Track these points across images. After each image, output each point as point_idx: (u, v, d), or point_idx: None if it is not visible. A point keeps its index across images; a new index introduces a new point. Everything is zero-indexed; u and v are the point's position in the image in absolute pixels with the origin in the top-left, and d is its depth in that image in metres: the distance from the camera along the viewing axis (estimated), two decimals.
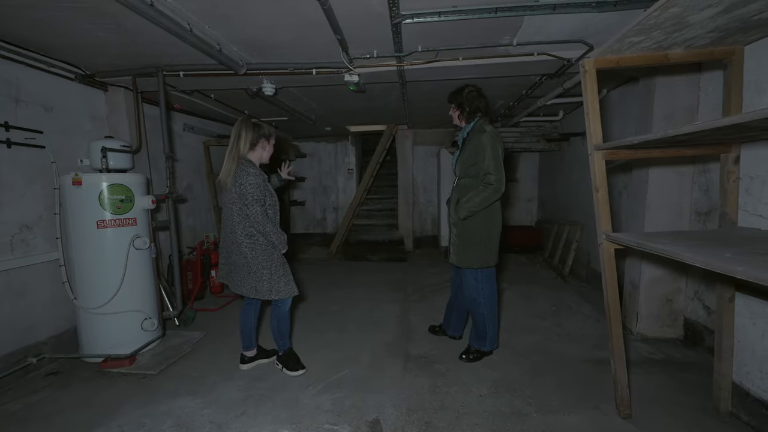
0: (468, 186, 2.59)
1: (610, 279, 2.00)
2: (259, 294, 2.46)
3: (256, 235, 2.41)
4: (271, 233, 2.39)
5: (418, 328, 3.39)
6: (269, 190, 2.47)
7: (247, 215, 2.36)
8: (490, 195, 2.46)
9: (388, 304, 4.06)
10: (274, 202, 2.50)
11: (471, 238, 2.58)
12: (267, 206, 2.44)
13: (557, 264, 5.21)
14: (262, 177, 2.41)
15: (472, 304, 2.72)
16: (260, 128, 2.48)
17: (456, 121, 2.73)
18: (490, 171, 2.44)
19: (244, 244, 2.41)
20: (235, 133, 2.42)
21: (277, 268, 2.46)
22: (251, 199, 2.34)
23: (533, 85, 3.79)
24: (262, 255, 2.42)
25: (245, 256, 2.42)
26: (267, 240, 2.42)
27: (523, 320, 3.53)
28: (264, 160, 2.57)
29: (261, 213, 2.35)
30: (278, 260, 2.48)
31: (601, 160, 1.97)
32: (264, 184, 2.42)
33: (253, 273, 2.43)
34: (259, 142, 2.48)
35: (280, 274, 2.47)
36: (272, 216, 2.47)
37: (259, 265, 2.42)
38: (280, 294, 2.47)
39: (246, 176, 2.34)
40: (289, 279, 2.52)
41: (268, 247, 2.44)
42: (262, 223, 2.36)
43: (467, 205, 2.50)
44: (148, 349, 2.90)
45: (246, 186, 2.33)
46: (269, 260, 2.44)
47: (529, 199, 7.03)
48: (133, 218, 2.83)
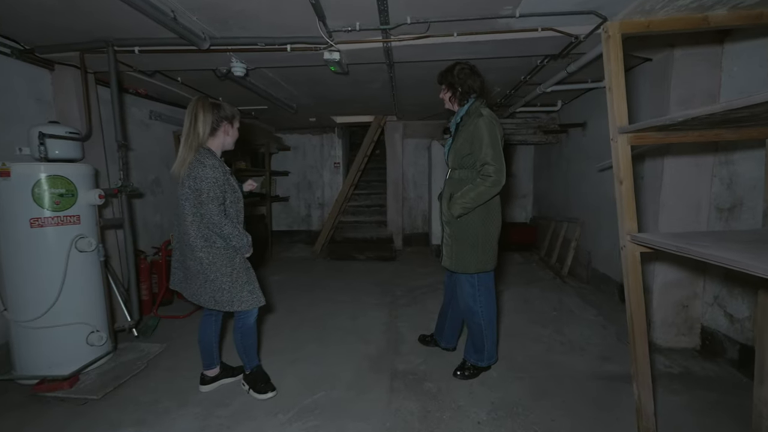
0: (463, 179, 2.25)
1: (634, 288, 1.67)
2: (219, 305, 2.09)
3: (213, 237, 2.03)
4: (230, 235, 2.02)
5: (407, 337, 3.04)
6: (231, 185, 2.09)
7: (202, 215, 1.98)
8: (488, 188, 2.11)
9: (375, 309, 3.71)
10: (237, 199, 2.12)
11: (466, 238, 2.24)
12: (227, 204, 2.07)
13: (555, 263, 4.91)
14: (222, 169, 2.03)
15: (467, 313, 2.38)
16: (221, 109, 2.10)
17: (447, 105, 2.38)
18: (488, 161, 2.10)
19: (198, 247, 2.03)
20: (190, 116, 2.02)
21: (239, 274, 2.09)
22: (207, 196, 1.96)
23: (533, 70, 3.45)
24: (221, 260, 2.05)
25: (200, 262, 2.04)
26: (227, 243, 2.05)
27: (523, 327, 3.21)
28: (227, 147, 2.19)
29: (217, 213, 1.97)
30: (241, 266, 2.11)
31: (627, 146, 1.63)
32: (224, 177, 2.04)
33: (211, 281, 2.05)
34: (221, 125, 2.10)
35: (242, 282, 2.10)
36: (233, 215, 2.10)
37: (217, 272, 2.05)
38: (243, 305, 2.10)
39: (202, 168, 1.96)
40: (254, 287, 2.15)
41: (228, 250, 2.07)
42: (219, 225, 1.98)
43: (462, 201, 2.16)
44: (94, 368, 2.50)
45: (201, 180, 1.95)
46: (230, 266, 2.07)
47: (524, 194, 6.73)
48: (75, 216, 2.43)
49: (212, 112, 2.05)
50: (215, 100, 2.12)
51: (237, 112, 2.20)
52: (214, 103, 2.09)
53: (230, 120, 2.14)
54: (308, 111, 5.28)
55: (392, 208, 6.69)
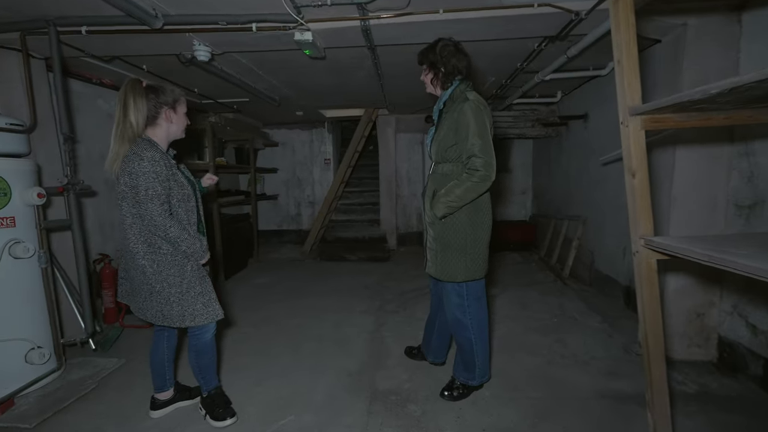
0: (447, 174, 1.96)
1: (649, 302, 1.38)
2: (168, 320, 1.81)
3: (158, 242, 1.75)
4: (178, 239, 1.73)
5: (393, 349, 2.76)
6: (177, 180, 1.80)
7: (142, 216, 1.70)
8: (475, 185, 1.82)
9: (360, 316, 3.43)
10: (186, 197, 1.83)
11: (452, 242, 1.95)
12: (174, 203, 1.78)
13: (555, 264, 4.62)
14: (164, 162, 1.74)
15: (456, 326, 2.10)
16: (159, 93, 1.80)
17: (430, 89, 2.09)
18: (476, 152, 1.81)
19: (140, 254, 1.75)
20: (120, 103, 1.72)
21: (191, 285, 1.81)
22: (145, 194, 1.67)
23: (530, 55, 3.15)
24: (168, 268, 1.76)
25: (143, 271, 1.76)
26: (175, 248, 1.77)
27: (520, 336, 2.93)
28: (175, 136, 1.90)
29: (160, 213, 1.69)
30: (193, 275, 1.82)
31: (640, 131, 1.34)
32: (168, 171, 1.75)
33: (158, 293, 1.77)
34: (161, 112, 1.80)
35: (195, 294, 1.82)
36: (182, 215, 1.81)
37: (164, 282, 1.76)
38: (196, 320, 1.82)
39: (138, 162, 1.67)
40: (209, 299, 1.87)
41: (177, 257, 1.78)
42: (164, 227, 1.70)
43: (446, 199, 1.87)
44: (35, 389, 2.23)
45: (138, 176, 1.66)
46: (179, 275, 1.78)
47: (522, 191, 6.44)
48: (9, 218, 2.14)
49: (147, 97, 1.76)
50: (153, 83, 1.83)
51: (181, 94, 1.90)
52: (150, 86, 1.79)
53: (172, 105, 1.84)
54: (292, 104, 4.98)
55: (385, 206, 6.40)
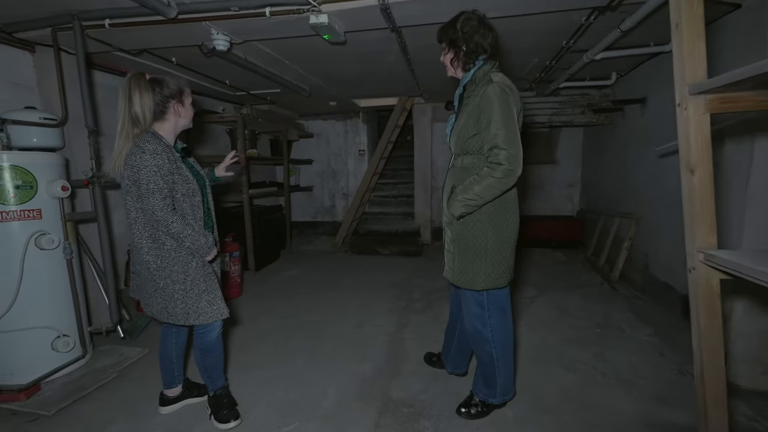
0: (467, 167, 1.73)
1: (708, 331, 1.10)
2: (173, 317, 1.76)
3: (162, 238, 1.70)
4: (181, 234, 1.67)
5: (412, 353, 2.59)
6: (182, 174, 1.73)
7: (144, 210, 1.65)
8: (498, 181, 1.58)
9: (384, 315, 3.28)
10: (191, 191, 1.76)
11: (471, 245, 1.73)
12: (178, 197, 1.72)
13: (603, 266, 4.19)
14: (166, 155, 1.67)
15: (475, 338, 1.88)
16: (164, 86, 1.73)
17: (450, 71, 1.85)
18: (499, 143, 1.57)
19: (145, 249, 1.71)
20: (123, 99, 1.67)
21: (195, 282, 1.75)
22: (147, 188, 1.62)
23: (578, 30, 2.78)
24: (172, 264, 1.71)
25: (148, 267, 1.72)
26: (179, 243, 1.71)
27: (555, 346, 2.64)
28: (183, 127, 1.85)
29: (162, 207, 1.63)
30: (197, 272, 1.76)
31: (703, 115, 1.05)
32: (173, 165, 1.69)
33: (161, 289, 1.73)
34: (169, 106, 1.74)
35: (199, 291, 1.76)
36: (188, 210, 1.74)
37: (168, 279, 1.72)
38: (200, 318, 1.76)
39: (140, 156, 1.61)
40: (214, 296, 1.80)
41: (181, 253, 1.72)
42: (166, 222, 1.64)
43: (464, 197, 1.64)
44: (61, 375, 2.30)
45: (140, 169, 1.61)
46: (183, 272, 1.73)
47: (570, 184, 5.94)
48: (35, 210, 2.20)
49: (152, 91, 1.69)
50: (157, 75, 1.76)
51: (185, 84, 1.83)
52: (155, 79, 1.73)
53: (179, 98, 1.77)
54: (324, 94, 4.87)
55: (420, 199, 6.18)
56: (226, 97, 4.89)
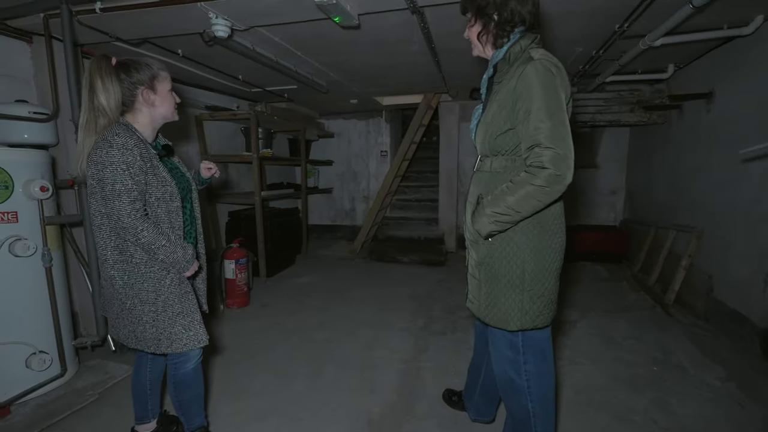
0: (497, 172, 1.35)
1: None
2: (142, 343, 1.49)
3: (130, 249, 1.42)
4: (153, 245, 1.38)
5: (429, 388, 2.22)
6: (158, 174, 1.44)
7: (109, 215, 1.37)
8: (539, 190, 1.19)
9: (399, 335, 2.92)
10: (169, 195, 1.47)
11: (503, 272, 1.34)
12: (153, 201, 1.43)
13: (654, 285, 3.66)
14: (139, 151, 1.39)
15: (507, 388, 1.49)
16: (131, 69, 1.45)
17: (477, 49, 1.47)
18: (542, 140, 1.18)
19: (110, 262, 1.44)
20: (86, 87, 1.40)
21: (168, 303, 1.46)
22: (112, 189, 1.34)
23: (636, 9, 2.33)
24: (140, 281, 1.43)
25: (113, 283, 1.45)
26: (150, 256, 1.42)
27: (602, 388, 2.19)
28: (165, 119, 1.56)
29: (130, 212, 1.35)
30: (172, 290, 1.47)
31: None
32: (147, 164, 1.41)
33: (128, 310, 1.45)
34: (137, 94, 1.46)
35: (173, 314, 1.47)
36: (163, 216, 1.46)
37: (136, 298, 1.44)
38: (174, 345, 1.48)
39: (106, 150, 1.34)
40: (191, 321, 1.50)
41: (152, 268, 1.44)
42: (134, 229, 1.35)
43: (494, 210, 1.26)
44: (35, 396, 2.08)
45: (104, 166, 1.34)
46: (154, 290, 1.44)
47: (612, 190, 5.37)
48: (11, 212, 1.98)
49: (117, 76, 1.42)
50: (126, 58, 1.48)
51: (160, 68, 1.53)
52: (121, 63, 1.45)
53: (149, 83, 1.48)
54: (344, 91, 4.57)
55: (445, 203, 5.77)
56: (242, 94, 4.68)
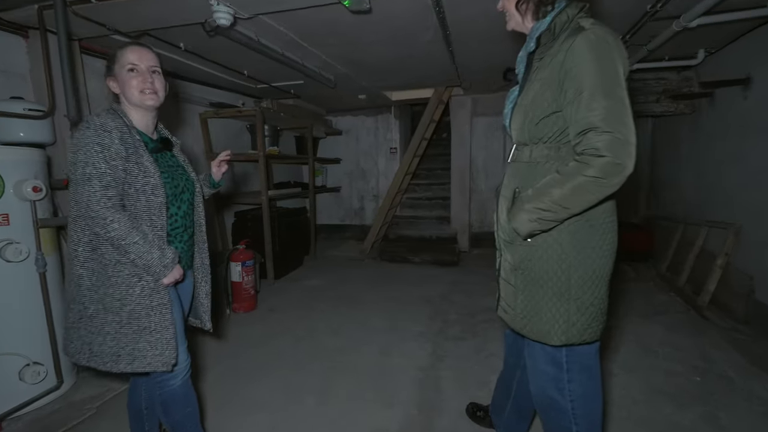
0: (537, 162, 1.16)
1: None
2: (97, 359, 1.30)
3: (102, 247, 1.27)
4: (124, 241, 1.23)
5: (450, 400, 2.04)
6: (141, 164, 1.30)
7: (78, 202, 1.22)
8: (593, 182, 1.01)
9: (414, 340, 2.75)
10: (152, 188, 1.31)
11: (546, 278, 1.15)
12: (132, 191, 1.28)
13: (685, 286, 3.44)
14: (120, 133, 1.27)
15: (547, 408, 1.31)
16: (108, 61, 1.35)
17: (513, 21, 1.27)
18: (597, 122, 0.99)
19: (80, 258, 1.28)
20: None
21: (135, 314, 1.29)
22: (83, 171, 1.21)
23: None
24: (107, 285, 1.27)
25: (79, 282, 1.29)
26: (122, 255, 1.27)
27: (642, 402, 1.99)
28: (142, 104, 1.37)
29: (99, 199, 1.20)
30: (142, 299, 1.30)
31: None
32: (128, 148, 1.28)
33: (89, 318, 1.28)
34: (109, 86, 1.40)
35: (139, 327, 1.29)
36: (142, 211, 1.30)
37: (99, 304, 1.28)
38: (135, 363, 1.30)
39: (83, 131, 1.25)
40: (160, 337, 1.32)
41: (122, 270, 1.28)
42: (103, 220, 1.20)
43: (536, 205, 1.08)
44: (29, 410, 1.95)
45: (78, 147, 1.23)
46: (119, 298, 1.28)
47: (634, 185, 5.13)
48: (2, 215, 1.85)
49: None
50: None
51: (121, 46, 1.40)
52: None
53: (110, 70, 1.39)
54: (352, 85, 4.40)
55: (457, 202, 5.58)
56: (248, 91, 4.54)
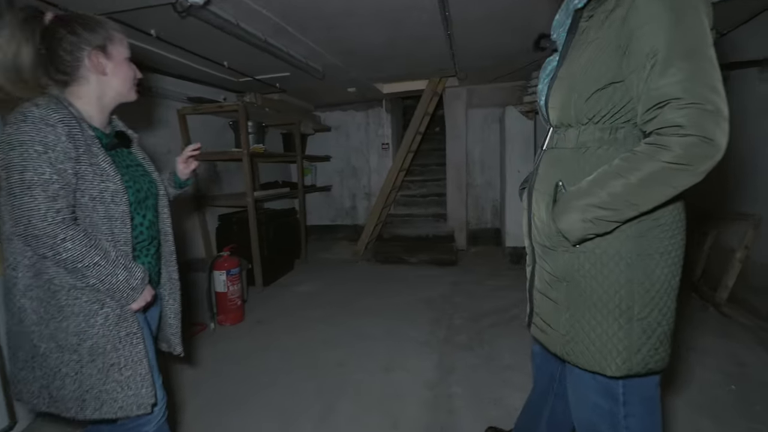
0: (586, 147, 0.92)
1: None
2: (58, 404, 1.06)
3: (50, 270, 1.00)
4: (81, 263, 0.97)
5: (465, 423, 1.81)
6: (96, 166, 1.03)
7: (17, 218, 0.94)
8: (677, 170, 0.76)
9: (419, 351, 2.51)
10: (111, 195, 1.06)
11: (598, 293, 0.91)
12: (85, 200, 1.02)
13: (699, 281, 3.26)
14: (67, 128, 0.99)
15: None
16: (78, 25, 1.06)
17: None
18: (677, 92, 0.74)
19: (20, 287, 1.02)
20: (4, 48, 0.99)
21: (99, 350, 1.04)
22: (20, 178, 0.93)
23: None
24: (60, 318, 1.02)
25: (20, 317, 1.03)
26: (78, 280, 1.01)
27: (679, 419, 1.79)
28: (119, 97, 1.17)
29: (45, 213, 0.94)
30: (107, 331, 1.05)
31: None
32: (77, 147, 1.00)
33: (42, 357, 1.03)
34: (82, 56, 1.07)
35: (105, 365, 1.05)
36: (101, 223, 1.04)
37: (53, 341, 1.02)
38: (103, 409, 1.05)
39: (17, 126, 0.95)
40: (132, 375, 1.08)
41: (78, 298, 1.02)
42: (51, 239, 0.94)
43: (590, 201, 0.83)
44: None
45: (11, 147, 0.94)
46: (78, 332, 1.02)
47: None
48: None
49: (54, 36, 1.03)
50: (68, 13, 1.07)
51: (115, 28, 1.13)
52: (62, 18, 1.04)
53: (101, 45, 1.08)
54: (341, 76, 4.13)
55: (453, 198, 5.36)
56: (230, 85, 4.23)
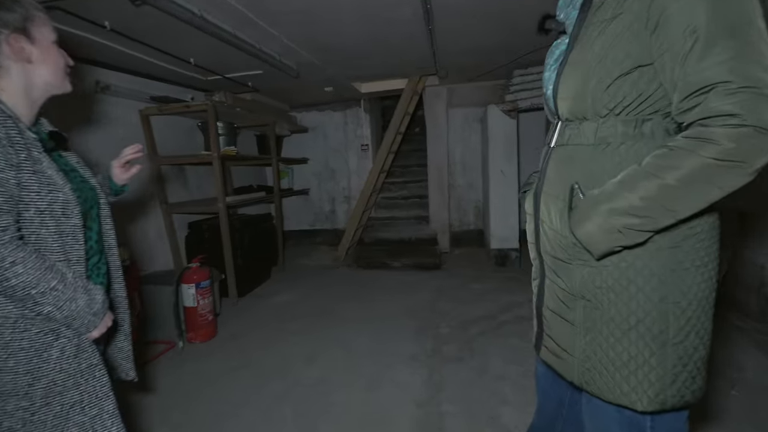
0: (606, 142, 0.78)
1: None
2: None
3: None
4: (33, 289, 0.78)
5: None
6: (40, 173, 0.85)
7: None
8: (726, 166, 0.62)
9: (405, 365, 2.35)
10: (62, 206, 0.88)
11: (625, 313, 0.77)
12: (30, 214, 0.83)
13: None
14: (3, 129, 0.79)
15: None
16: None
17: None
18: (723, 75, 0.61)
19: None
20: None
21: (55, 390, 0.85)
22: None
23: None
24: (5, 357, 0.81)
25: None
26: (28, 309, 0.81)
27: None
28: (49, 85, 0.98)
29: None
30: (65, 366, 0.86)
31: None
32: (19, 150, 0.81)
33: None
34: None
35: (65, 407, 0.87)
36: (51, 240, 0.86)
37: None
38: None
39: None
40: (98, 414, 0.91)
41: (28, 331, 0.83)
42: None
43: (616, 205, 0.70)
44: None
45: None
46: (30, 371, 0.83)
47: None
48: None
49: None
50: None
51: (37, 8, 0.92)
52: None
53: (21, 26, 0.88)
54: (317, 74, 3.93)
55: (435, 200, 5.25)
56: (198, 84, 3.97)
